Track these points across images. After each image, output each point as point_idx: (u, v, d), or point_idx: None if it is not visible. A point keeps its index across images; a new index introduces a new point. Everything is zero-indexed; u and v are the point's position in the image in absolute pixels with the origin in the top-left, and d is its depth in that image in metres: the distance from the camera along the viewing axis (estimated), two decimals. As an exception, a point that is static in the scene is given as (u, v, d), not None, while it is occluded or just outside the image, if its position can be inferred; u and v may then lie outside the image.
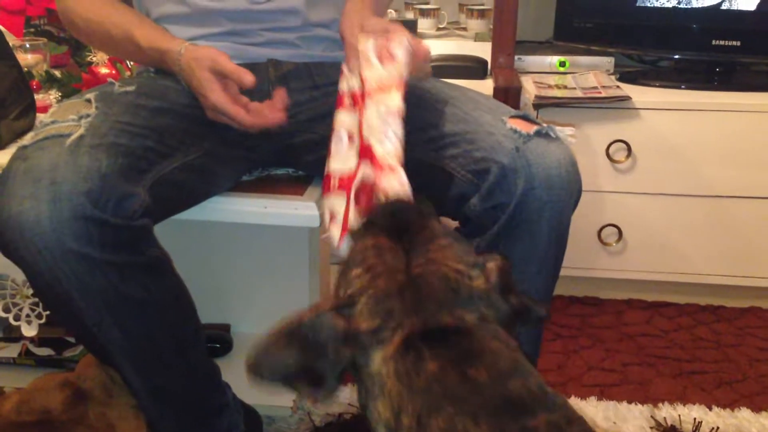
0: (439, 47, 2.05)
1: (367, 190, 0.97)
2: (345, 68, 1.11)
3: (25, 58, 1.68)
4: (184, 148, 1.11)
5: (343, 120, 1.07)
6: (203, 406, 1.17)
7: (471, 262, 0.77)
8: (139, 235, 1.00)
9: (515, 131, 1.06)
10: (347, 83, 1.09)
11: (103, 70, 1.62)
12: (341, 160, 1.05)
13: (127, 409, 1.05)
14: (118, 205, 0.96)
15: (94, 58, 1.67)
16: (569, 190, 1.04)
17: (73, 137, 0.99)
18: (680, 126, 1.85)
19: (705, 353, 1.80)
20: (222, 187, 1.22)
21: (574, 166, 1.05)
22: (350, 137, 1.06)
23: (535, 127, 1.07)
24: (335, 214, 1.02)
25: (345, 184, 1.02)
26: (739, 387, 1.67)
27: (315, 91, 1.24)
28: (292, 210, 1.20)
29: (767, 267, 1.93)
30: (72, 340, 1.48)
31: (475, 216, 1.07)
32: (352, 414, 1.55)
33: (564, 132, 1.07)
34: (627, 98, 1.81)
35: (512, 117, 1.10)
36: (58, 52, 1.91)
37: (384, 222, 0.81)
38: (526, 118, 1.10)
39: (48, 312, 1.39)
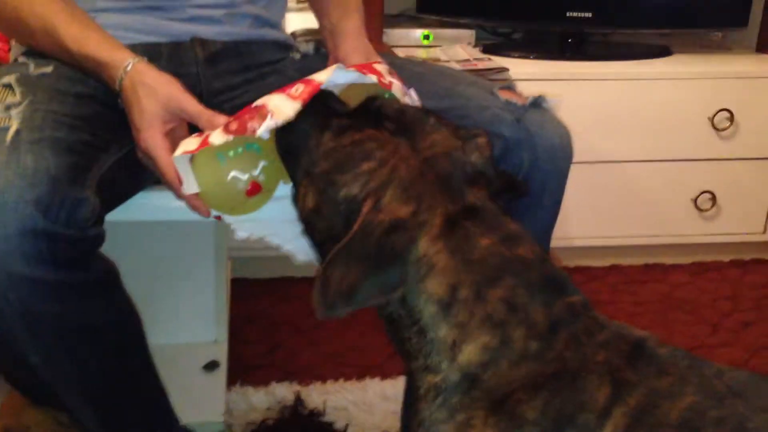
0: (300, 21, 1.94)
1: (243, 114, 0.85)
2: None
3: None
4: (117, 140, 0.95)
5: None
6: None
7: (464, 138, 0.80)
8: (92, 248, 0.86)
9: (510, 103, 1.01)
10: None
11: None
12: None
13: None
14: (71, 213, 0.81)
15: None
16: (568, 159, 1.03)
17: (10, 132, 0.81)
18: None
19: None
20: (148, 182, 1.05)
21: (569, 135, 1.04)
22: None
23: (528, 98, 1.03)
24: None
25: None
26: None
27: (248, 72, 1.12)
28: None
29: (625, 227, 2.05)
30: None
31: None
32: (274, 419, 1.44)
33: (553, 101, 1.05)
34: (505, 69, 1.83)
35: (501, 89, 1.05)
36: None
37: (361, 115, 0.80)
38: (510, 89, 1.07)
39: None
